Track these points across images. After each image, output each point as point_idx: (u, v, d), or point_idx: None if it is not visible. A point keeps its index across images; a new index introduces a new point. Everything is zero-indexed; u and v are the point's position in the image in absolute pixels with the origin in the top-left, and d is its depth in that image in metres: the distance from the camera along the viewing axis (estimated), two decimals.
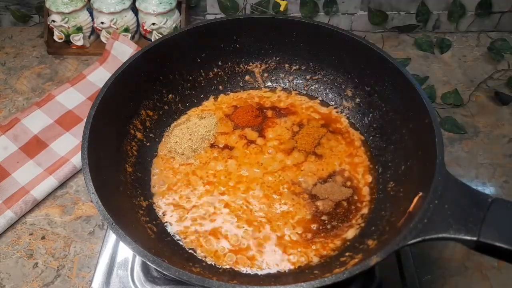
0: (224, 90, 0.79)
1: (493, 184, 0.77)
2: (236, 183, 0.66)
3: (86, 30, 1.01)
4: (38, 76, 0.98)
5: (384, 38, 1.07)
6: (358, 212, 0.63)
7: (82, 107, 0.87)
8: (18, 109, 0.90)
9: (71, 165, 0.77)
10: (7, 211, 0.70)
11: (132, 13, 1.00)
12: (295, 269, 0.57)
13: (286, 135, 0.72)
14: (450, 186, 0.45)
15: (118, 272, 0.61)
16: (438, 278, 0.65)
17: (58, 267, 0.67)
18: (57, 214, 0.73)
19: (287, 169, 0.68)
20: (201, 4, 1.07)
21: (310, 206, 0.63)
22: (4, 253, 0.68)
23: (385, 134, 0.68)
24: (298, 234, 0.60)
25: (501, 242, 0.39)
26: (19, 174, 0.76)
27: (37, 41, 1.06)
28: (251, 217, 0.62)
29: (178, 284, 0.59)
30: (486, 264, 0.66)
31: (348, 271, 0.43)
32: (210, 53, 0.75)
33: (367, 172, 0.67)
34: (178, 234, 0.61)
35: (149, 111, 0.71)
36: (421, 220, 0.43)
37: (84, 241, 0.69)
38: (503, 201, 0.43)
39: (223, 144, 0.71)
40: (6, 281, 0.65)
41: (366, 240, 0.55)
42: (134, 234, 0.48)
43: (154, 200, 0.65)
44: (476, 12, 1.04)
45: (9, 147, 0.80)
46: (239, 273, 0.57)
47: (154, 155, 0.70)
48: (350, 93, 0.74)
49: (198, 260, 0.58)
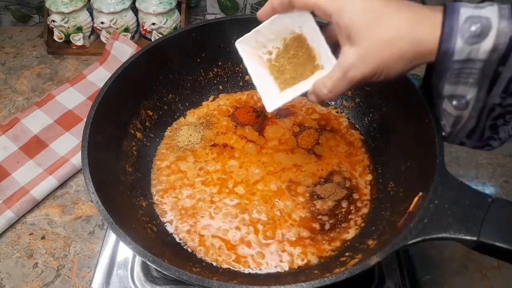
0: (224, 90, 0.79)
1: (493, 184, 0.77)
2: (236, 183, 0.66)
3: (86, 30, 1.01)
4: (38, 76, 0.98)
5: None
6: (358, 212, 0.63)
7: (82, 107, 0.87)
8: (18, 109, 0.90)
9: (71, 165, 0.77)
10: (7, 211, 0.70)
11: (132, 13, 1.00)
12: (295, 269, 0.57)
13: (286, 135, 0.72)
14: (450, 186, 0.45)
15: (118, 272, 0.61)
16: (438, 278, 0.65)
17: (58, 267, 0.66)
18: (57, 214, 0.73)
19: (287, 169, 0.67)
20: (201, 4, 1.07)
21: (310, 206, 0.63)
22: (4, 253, 0.68)
23: (385, 134, 0.68)
24: (298, 234, 0.60)
25: (501, 242, 0.39)
26: (19, 174, 0.76)
27: (37, 41, 1.06)
28: (251, 217, 0.62)
29: (178, 284, 0.59)
30: (486, 264, 0.66)
31: (348, 271, 0.43)
32: (210, 53, 0.75)
33: (367, 172, 0.67)
34: (178, 234, 0.61)
35: (149, 111, 0.71)
36: (421, 220, 0.43)
37: (84, 241, 0.69)
38: (503, 201, 0.43)
39: (223, 144, 0.71)
40: (6, 281, 0.65)
41: (366, 240, 0.55)
42: (134, 234, 0.48)
43: (154, 200, 0.65)
44: None
45: (9, 147, 0.80)
46: (239, 273, 0.57)
47: (154, 155, 0.70)
48: (350, 93, 0.74)
49: (198, 260, 0.58)
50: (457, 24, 0.36)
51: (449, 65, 0.37)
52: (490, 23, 0.35)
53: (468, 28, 0.36)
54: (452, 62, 0.37)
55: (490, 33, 0.35)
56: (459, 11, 0.36)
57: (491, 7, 0.36)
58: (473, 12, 0.36)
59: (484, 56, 0.36)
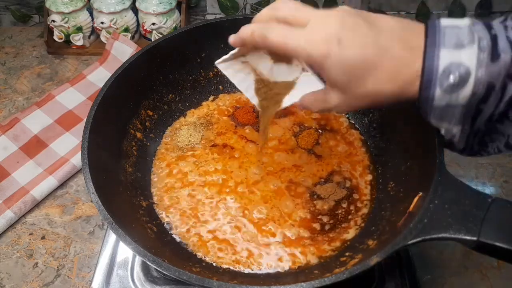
0: (224, 90, 0.79)
1: (493, 184, 0.77)
2: (236, 183, 0.66)
3: (86, 30, 1.01)
4: (38, 76, 0.98)
5: None
6: (358, 212, 0.63)
7: (82, 107, 0.87)
8: (18, 109, 0.90)
9: (71, 165, 0.77)
10: (7, 211, 0.70)
11: (132, 13, 1.00)
12: (295, 269, 0.57)
13: (286, 135, 0.72)
14: (450, 186, 0.45)
15: (118, 272, 0.61)
16: (438, 278, 0.65)
17: (58, 267, 0.66)
18: (57, 214, 0.73)
19: (287, 169, 0.67)
20: (201, 4, 1.07)
21: (310, 206, 0.63)
22: (4, 253, 0.68)
23: (385, 134, 0.68)
24: (298, 234, 0.60)
25: (501, 242, 0.39)
26: (19, 174, 0.76)
27: (37, 41, 1.06)
28: (251, 217, 0.62)
29: (178, 284, 0.59)
30: (486, 264, 0.66)
31: (348, 271, 0.43)
32: (210, 53, 0.75)
33: (367, 172, 0.67)
34: (178, 234, 0.61)
35: (149, 111, 0.71)
36: (421, 220, 0.43)
37: (84, 241, 0.69)
38: (503, 201, 0.42)
39: (223, 144, 0.71)
40: (6, 281, 0.65)
41: (366, 240, 0.55)
42: (134, 234, 0.48)
43: (154, 200, 0.65)
44: (476, 12, 1.04)
45: (9, 147, 0.80)
46: (239, 273, 0.57)
47: (154, 155, 0.70)
48: None
49: (198, 260, 0.58)
50: (436, 73, 0.35)
51: (431, 108, 0.38)
52: (469, 71, 0.35)
53: (446, 79, 0.35)
54: (433, 106, 0.38)
55: (468, 81, 0.35)
56: (439, 56, 0.35)
57: (470, 50, 0.35)
58: (452, 57, 0.35)
59: (464, 101, 0.36)
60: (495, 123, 0.38)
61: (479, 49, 0.34)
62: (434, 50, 0.35)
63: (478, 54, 0.34)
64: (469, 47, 0.35)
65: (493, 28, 0.35)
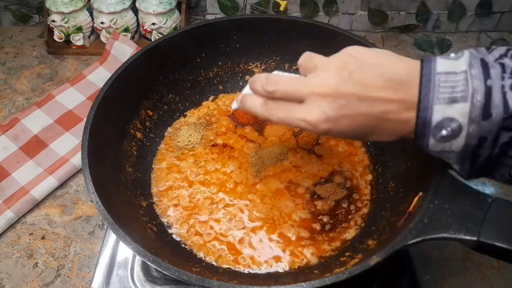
0: (224, 90, 0.79)
1: (493, 184, 0.77)
2: (236, 183, 0.66)
3: (86, 30, 1.01)
4: (38, 76, 0.98)
5: (384, 38, 1.07)
6: (358, 212, 0.63)
7: (82, 107, 0.87)
8: (18, 109, 0.90)
9: (71, 165, 0.77)
10: (7, 211, 0.70)
11: (132, 13, 1.00)
12: (295, 269, 0.57)
13: (286, 135, 0.72)
14: (450, 186, 0.45)
15: (118, 272, 0.61)
16: (438, 278, 0.65)
17: (58, 267, 0.66)
18: (57, 214, 0.73)
19: (287, 169, 0.67)
20: (201, 4, 1.07)
21: (310, 206, 0.63)
22: (4, 253, 0.68)
23: None
24: (298, 234, 0.60)
25: (501, 242, 0.39)
26: (19, 174, 0.76)
27: (37, 41, 1.06)
28: (251, 217, 0.62)
29: (178, 284, 0.59)
30: (486, 264, 0.66)
31: (348, 271, 0.43)
32: (210, 53, 0.75)
33: (367, 172, 0.67)
34: (178, 234, 0.61)
35: (149, 111, 0.71)
36: (421, 220, 0.43)
37: (84, 241, 0.69)
38: (503, 201, 0.42)
39: (223, 144, 0.71)
40: (6, 281, 0.65)
41: (366, 240, 0.55)
42: (134, 234, 0.48)
43: (154, 200, 0.65)
44: (476, 12, 1.04)
45: (9, 147, 0.80)
46: (239, 273, 0.57)
47: (154, 155, 0.70)
48: None
49: (198, 260, 0.58)
50: (429, 127, 0.37)
51: (427, 151, 0.40)
52: (461, 127, 0.36)
53: (439, 132, 0.37)
54: (430, 150, 0.39)
55: (460, 134, 0.36)
56: (432, 110, 0.36)
57: (463, 104, 0.35)
58: (445, 113, 0.36)
59: (458, 149, 0.37)
60: (495, 158, 0.38)
61: (472, 105, 0.35)
62: (428, 105, 0.36)
63: (471, 111, 0.35)
64: (462, 102, 0.35)
65: (490, 74, 0.35)
